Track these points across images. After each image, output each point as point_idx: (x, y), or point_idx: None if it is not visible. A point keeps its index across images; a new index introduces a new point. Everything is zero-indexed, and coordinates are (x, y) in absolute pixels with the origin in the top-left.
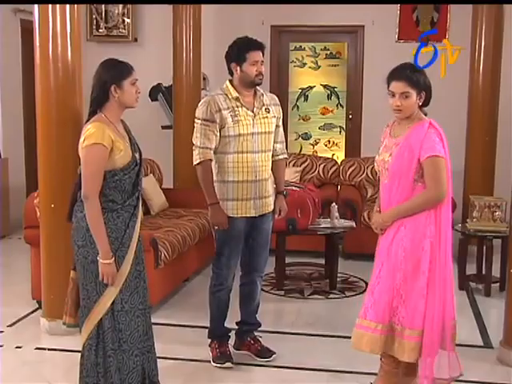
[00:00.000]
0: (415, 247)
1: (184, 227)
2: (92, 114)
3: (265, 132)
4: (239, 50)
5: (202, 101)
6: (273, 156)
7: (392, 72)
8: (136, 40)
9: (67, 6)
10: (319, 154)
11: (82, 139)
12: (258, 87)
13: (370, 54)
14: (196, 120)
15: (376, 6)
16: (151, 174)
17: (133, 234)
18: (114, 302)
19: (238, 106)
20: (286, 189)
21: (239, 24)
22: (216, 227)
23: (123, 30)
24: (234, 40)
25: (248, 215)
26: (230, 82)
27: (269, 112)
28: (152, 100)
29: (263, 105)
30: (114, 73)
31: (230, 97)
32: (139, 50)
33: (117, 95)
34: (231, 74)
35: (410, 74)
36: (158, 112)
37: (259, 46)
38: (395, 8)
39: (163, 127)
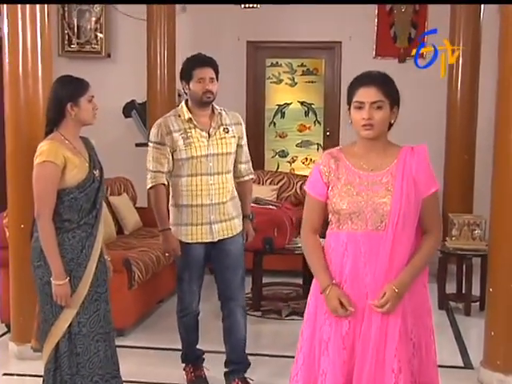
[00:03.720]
0: (425, 316)
1: (158, 247)
2: (49, 132)
3: (222, 153)
4: (187, 68)
5: (155, 123)
6: (238, 177)
7: (359, 77)
8: (109, 56)
9: (38, 20)
10: (296, 172)
11: (35, 157)
12: (216, 106)
13: (348, 70)
14: (149, 143)
15: (353, 22)
16: (125, 193)
17: (90, 254)
18: (71, 324)
19: (190, 128)
20: (261, 208)
21: (215, 40)
22: (167, 254)
23: (96, 46)
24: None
25: (204, 241)
26: (186, 102)
27: (227, 132)
28: (126, 117)
29: (221, 124)
30: (70, 90)
31: (182, 118)
32: (112, 65)
33: (73, 113)
34: (185, 92)
35: (382, 80)
36: (131, 129)
37: (207, 63)
38: (372, 24)
39: (137, 145)
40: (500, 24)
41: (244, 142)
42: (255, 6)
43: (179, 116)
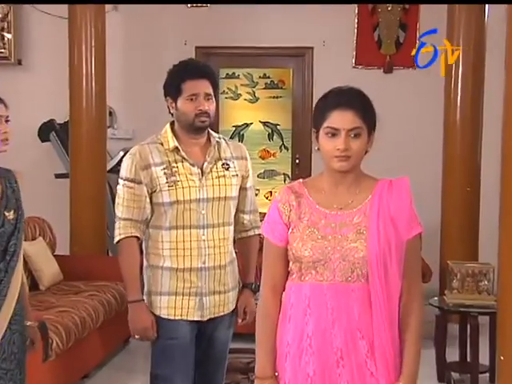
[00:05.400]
0: None
1: (83, 306)
2: None
3: (219, 198)
4: (174, 79)
5: (129, 152)
6: (239, 232)
7: (330, 96)
8: (20, 63)
9: None
10: (259, 210)
11: None
12: (213, 133)
13: (321, 83)
14: (119, 179)
15: (328, 23)
16: (40, 237)
17: None
18: None
19: (176, 161)
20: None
21: (155, 44)
22: (137, 336)
23: (3, 50)
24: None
25: (190, 318)
26: (172, 125)
27: (228, 169)
28: (42, 141)
29: (219, 158)
30: None
31: (165, 147)
32: (24, 75)
33: None
34: (170, 113)
35: (360, 101)
36: (50, 156)
37: (202, 73)
38: (352, 25)
39: (57, 176)
40: (507, 27)
41: (250, 183)
42: (204, 5)
43: (161, 144)
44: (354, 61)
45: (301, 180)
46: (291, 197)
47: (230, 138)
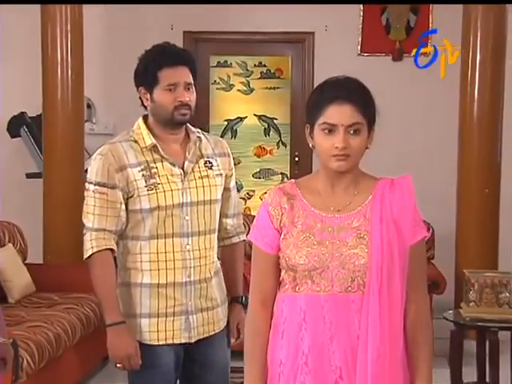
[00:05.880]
0: None
1: (58, 321)
2: None
3: (204, 201)
4: (147, 66)
5: (96, 152)
6: (223, 239)
7: (326, 88)
8: None
9: None
10: (253, 213)
11: None
12: (191, 127)
13: (323, 72)
14: (87, 184)
15: (331, 6)
16: (10, 244)
17: None
18: None
19: (155, 161)
20: None
21: (139, 29)
22: (119, 365)
23: None
24: (145, 49)
25: (176, 341)
26: (145, 119)
27: (211, 168)
28: (12, 136)
29: (201, 156)
30: None
31: (141, 145)
32: None
33: None
34: (144, 105)
35: (360, 94)
36: (20, 154)
37: (180, 59)
38: (357, 9)
39: (29, 175)
40: None
41: (233, 183)
42: None
43: (135, 142)
44: (359, 47)
45: (292, 180)
46: (283, 199)
47: (222, 133)
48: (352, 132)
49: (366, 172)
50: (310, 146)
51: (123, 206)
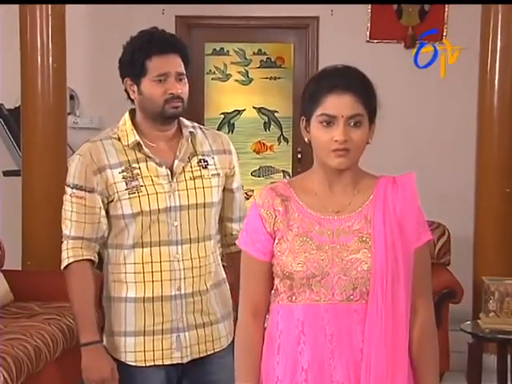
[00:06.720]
0: None
1: (38, 333)
2: None
3: (196, 205)
4: (134, 55)
5: (76, 151)
6: (227, 246)
7: (323, 77)
8: None
9: None
10: None
11: None
12: (184, 121)
13: (328, 60)
14: (65, 187)
15: None
16: None
17: None
18: None
19: (138, 160)
20: None
21: (127, 14)
22: None
23: None
24: (131, 36)
25: (167, 362)
26: (131, 114)
27: (206, 167)
28: None
29: (194, 154)
30: None
31: (123, 143)
32: None
33: None
34: (130, 98)
35: (360, 83)
36: None
37: (171, 47)
38: None
39: (6, 173)
40: None
41: (236, 184)
42: None
43: (118, 139)
44: (368, 34)
45: (285, 180)
46: (276, 200)
47: (218, 127)
48: (352, 124)
49: (365, 170)
50: (306, 140)
51: (103, 212)
